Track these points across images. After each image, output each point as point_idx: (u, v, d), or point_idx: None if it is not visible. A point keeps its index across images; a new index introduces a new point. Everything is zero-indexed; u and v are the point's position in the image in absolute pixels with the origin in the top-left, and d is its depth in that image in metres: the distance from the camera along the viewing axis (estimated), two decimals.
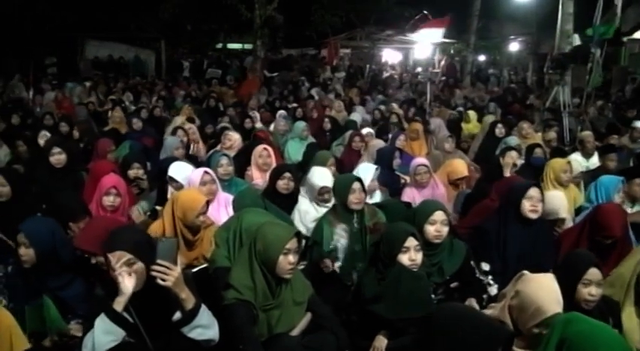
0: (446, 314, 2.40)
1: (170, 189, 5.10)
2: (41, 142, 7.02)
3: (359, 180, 4.36)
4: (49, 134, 7.30)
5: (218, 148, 7.23)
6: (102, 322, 2.69)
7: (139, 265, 2.75)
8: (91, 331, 2.70)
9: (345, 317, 3.66)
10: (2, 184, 4.71)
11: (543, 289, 2.83)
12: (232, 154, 6.39)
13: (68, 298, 3.42)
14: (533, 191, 4.11)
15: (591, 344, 2.11)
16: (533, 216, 4.08)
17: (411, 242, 3.44)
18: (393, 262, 3.43)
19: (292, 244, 3.15)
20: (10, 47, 19.06)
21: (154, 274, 2.68)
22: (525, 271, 3.02)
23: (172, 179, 5.12)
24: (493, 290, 3.92)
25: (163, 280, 2.68)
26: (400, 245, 3.42)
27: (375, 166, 5.42)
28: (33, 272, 3.40)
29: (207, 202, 4.14)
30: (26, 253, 3.36)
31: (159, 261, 2.69)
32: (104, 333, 2.67)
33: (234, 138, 7.29)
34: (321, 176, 4.93)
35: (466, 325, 2.28)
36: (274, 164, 5.98)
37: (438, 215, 3.81)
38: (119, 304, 2.70)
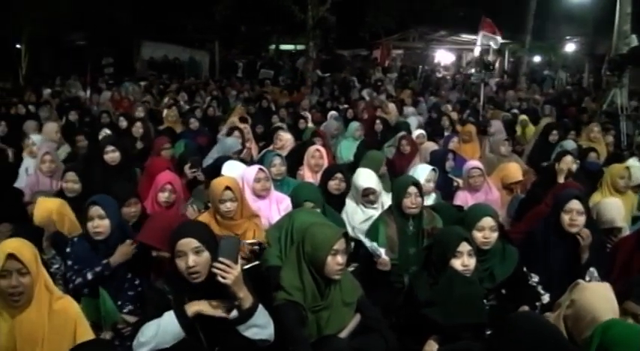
0: (521, 325, 2.38)
1: None
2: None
3: (416, 184, 4.29)
4: (109, 132, 7.47)
5: (270, 148, 7.29)
6: (170, 322, 2.75)
7: (206, 255, 2.81)
8: (155, 323, 2.76)
9: (395, 320, 3.64)
10: (74, 181, 4.97)
11: (599, 299, 2.75)
12: (284, 154, 6.43)
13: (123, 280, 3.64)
14: (573, 204, 3.91)
15: (627, 348, 2.10)
16: (573, 230, 3.90)
17: (464, 247, 3.39)
18: (445, 266, 3.39)
19: (340, 244, 3.14)
20: (69, 47, 19.66)
21: (215, 271, 2.71)
22: (580, 280, 2.96)
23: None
24: (545, 298, 3.84)
25: (224, 277, 2.70)
26: (453, 250, 3.38)
27: (432, 168, 5.38)
28: (103, 246, 3.62)
29: (230, 189, 4.13)
30: (101, 224, 3.60)
31: (220, 258, 2.72)
32: (170, 332, 2.74)
33: (285, 138, 7.33)
34: (366, 177, 4.91)
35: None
36: (326, 165, 6.00)
37: (487, 221, 3.75)
38: (192, 312, 2.77)
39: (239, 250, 2.85)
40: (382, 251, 3.95)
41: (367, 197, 4.85)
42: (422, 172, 5.26)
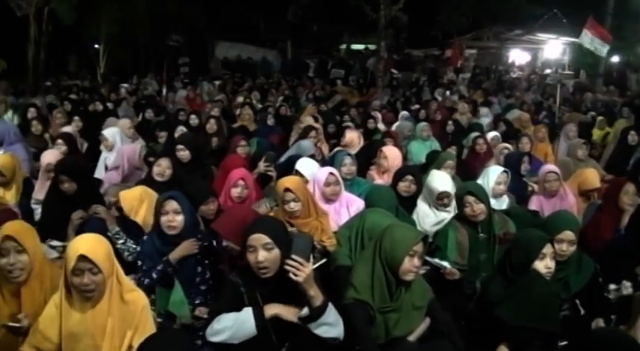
0: (606, 341, 2.32)
1: None
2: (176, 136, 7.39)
3: (471, 192, 4.17)
4: (185, 129, 7.66)
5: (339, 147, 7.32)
6: (248, 320, 2.81)
7: (276, 251, 2.85)
8: (232, 317, 2.82)
9: (465, 325, 3.60)
10: (168, 167, 5.28)
11: None
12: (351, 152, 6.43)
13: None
14: None
15: None
16: None
17: (548, 249, 3.34)
18: (526, 269, 3.32)
19: (419, 247, 3.13)
20: (145, 47, 20.24)
21: (287, 268, 2.74)
22: None
23: (298, 173, 5.26)
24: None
25: (295, 275, 2.73)
26: (538, 251, 3.32)
27: (502, 169, 5.28)
28: (174, 242, 3.67)
29: (290, 190, 4.22)
30: (175, 219, 3.66)
31: (293, 256, 2.75)
32: (244, 329, 2.81)
33: (350, 136, 7.37)
34: (441, 181, 4.84)
35: None
36: (397, 166, 5.95)
37: (567, 235, 3.65)
38: (269, 314, 2.83)
39: (312, 248, 2.87)
40: (446, 264, 3.94)
41: (441, 201, 4.78)
42: (493, 174, 5.18)
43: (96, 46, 18.58)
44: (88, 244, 2.80)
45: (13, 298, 3.05)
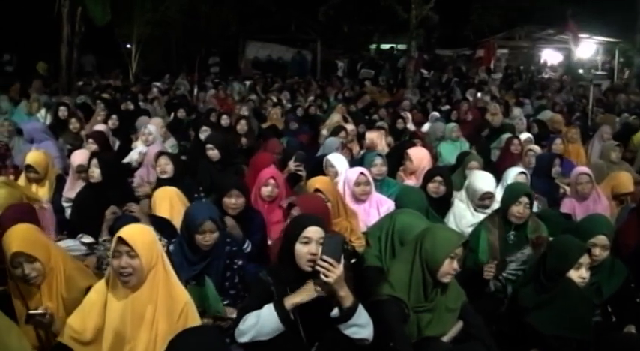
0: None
1: None
2: (202, 137, 7.46)
3: (528, 194, 4.13)
4: (210, 130, 7.71)
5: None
6: (269, 314, 2.82)
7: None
8: (255, 314, 2.83)
9: (496, 329, 3.57)
10: (166, 163, 5.43)
11: None
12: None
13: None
14: None
15: None
16: None
17: (585, 259, 3.27)
18: (560, 276, 3.27)
19: (459, 250, 3.12)
20: (177, 47, 20.44)
21: (318, 269, 2.74)
22: None
23: (330, 164, 5.34)
24: None
25: (326, 275, 2.73)
26: (575, 261, 3.24)
27: (520, 170, 5.23)
28: (205, 254, 3.66)
29: (320, 191, 4.28)
30: (211, 237, 3.62)
31: (324, 256, 2.74)
32: (269, 325, 2.81)
33: (369, 137, 7.43)
34: (486, 181, 4.80)
35: None
36: (424, 168, 5.92)
37: (600, 239, 3.60)
38: (290, 305, 2.82)
39: (343, 248, 2.87)
40: None
41: (483, 202, 4.75)
42: (510, 175, 5.14)
43: (128, 46, 18.79)
44: (129, 229, 2.92)
45: (32, 294, 3.15)
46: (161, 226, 4.26)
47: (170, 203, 4.58)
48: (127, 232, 2.88)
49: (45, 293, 3.15)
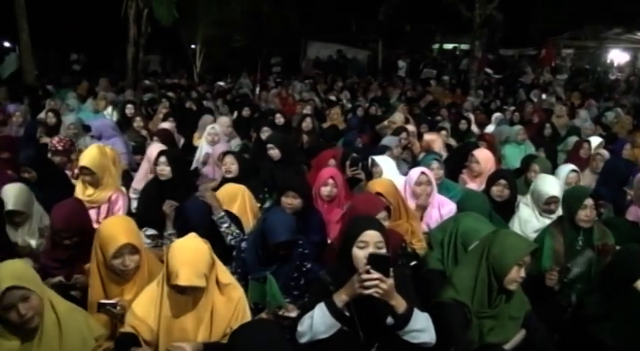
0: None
1: None
2: (263, 136, 7.52)
3: (592, 196, 4.03)
4: (270, 130, 7.76)
5: None
6: (321, 312, 2.81)
7: (384, 251, 2.84)
8: (309, 316, 2.84)
9: (559, 338, 3.47)
10: (232, 163, 5.52)
11: None
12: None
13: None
14: None
15: None
16: None
17: None
18: (627, 286, 3.16)
19: (528, 258, 3.05)
20: (241, 48, 20.70)
21: (366, 284, 2.69)
22: None
23: (375, 163, 5.37)
24: None
25: (376, 291, 2.69)
26: None
27: (572, 168, 5.14)
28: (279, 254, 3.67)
29: (382, 194, 4.24)
30: (285, 252, 3.65)
31: (371, 270, 2.70)
32: (322, 323, 2.80)
33: (427, 138, 7.36)
34: (551, 185, 4.66)
35: None
36: (489, 170, 5.80)
37: None
38: (341, 301, 2.81)
39: (391, 262, 2.79)
40: None
41: (549, 206, 4.62)
42: (562, 173, 5.04)
43: (192, 46, 19.14)
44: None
45: (116, 286, 3.25)
46: (232, 220, 4.37)
47: (241, 199, 4.69)
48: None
49: (128, 287, 3.25)
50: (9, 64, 14.05)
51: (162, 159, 5.07)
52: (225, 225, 4.29)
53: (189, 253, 2.89)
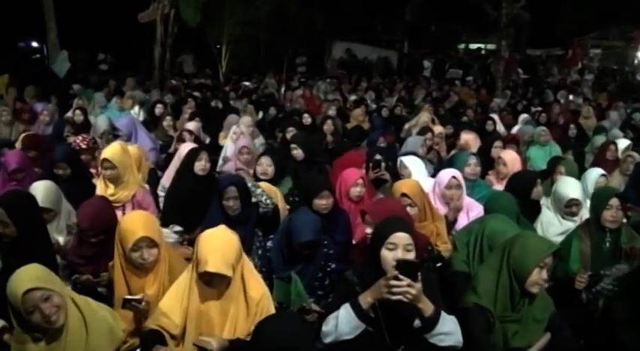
0: None
1: None
2: (288, 136, 7.53)
3: (619, 196, 3.99)
4: (294, 130, 7.77)
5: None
6: (347, 313, 2.82)
7: (412, 254, 2.84)
8: (334, 316, 2.85)
9: (585, 343, 3.43)
10: (269, 164, 5.46)
11: None
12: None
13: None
14: None
15: None
16: None
17: None
18: None
19: (549, 259, 3.01)
20: (265, 47, 20.81)
21: (394, 290, 2.70)
22: None
23: (403, 165, 5.35)
24: None
25: (405, 296, 2.70)
26: None
27: (601, 172, 5.08)
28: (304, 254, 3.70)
29: (407, 195, 4.23)
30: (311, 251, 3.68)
31: (400, 276, 2.70)
32: (347, 323, 2.81)
33: (464, 138, 7.29)
34: (572, 187, 4.63)
35: None
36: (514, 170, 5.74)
37: None
38: (366, 303, 2.81)
39: (419, 268, 2.78)
40: None
41: (570, 208, 4.58)
42: (591, 178, 5.00)
43: (218, 46, 19.27)
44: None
45: (138, 280, 3.31)
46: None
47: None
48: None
49: (150, 281, 3.30)
50: (62, 60, 13.95)
51: (205, 156, 5.15)
52: (259, 190, 4.49)
53: (220, 242, 2.95)
